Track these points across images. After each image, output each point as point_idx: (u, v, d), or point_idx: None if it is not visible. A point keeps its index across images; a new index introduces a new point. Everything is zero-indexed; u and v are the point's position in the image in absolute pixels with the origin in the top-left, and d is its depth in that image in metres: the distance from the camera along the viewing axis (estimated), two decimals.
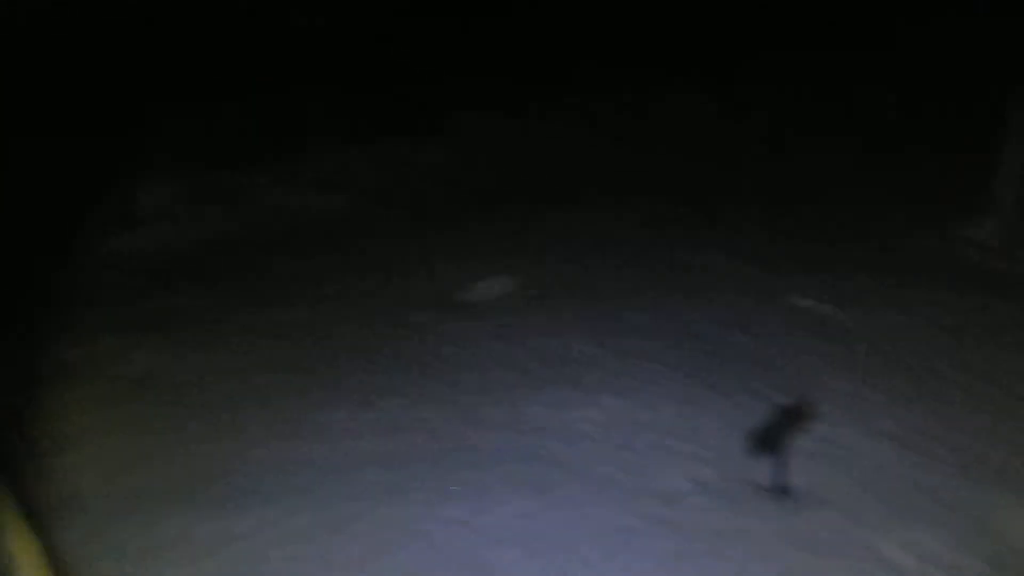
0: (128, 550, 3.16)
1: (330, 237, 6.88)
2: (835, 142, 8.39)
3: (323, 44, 8.50)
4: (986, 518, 3.35)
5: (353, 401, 4.33)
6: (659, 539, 3.40)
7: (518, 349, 4.94)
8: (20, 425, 3.84)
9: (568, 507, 3.62)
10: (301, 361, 4.77)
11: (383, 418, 4.18)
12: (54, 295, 5.37)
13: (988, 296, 4.98)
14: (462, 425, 4.15)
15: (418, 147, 8.53)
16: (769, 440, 3.51)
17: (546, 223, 6.94)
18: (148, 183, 7.13)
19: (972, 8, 7.41)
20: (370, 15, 8.90)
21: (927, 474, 3.59)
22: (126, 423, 4.11)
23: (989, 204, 5.85)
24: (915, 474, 3.60)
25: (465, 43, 9.00)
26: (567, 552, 3.32)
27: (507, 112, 9.29)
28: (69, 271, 5.87)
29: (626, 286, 5.62)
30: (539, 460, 3.96)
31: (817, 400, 4.04)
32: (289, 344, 5.01)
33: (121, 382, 4.50)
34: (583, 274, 5.90)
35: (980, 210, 5.87)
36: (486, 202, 7.55)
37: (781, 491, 3.61)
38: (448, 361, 4.83)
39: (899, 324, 4.80)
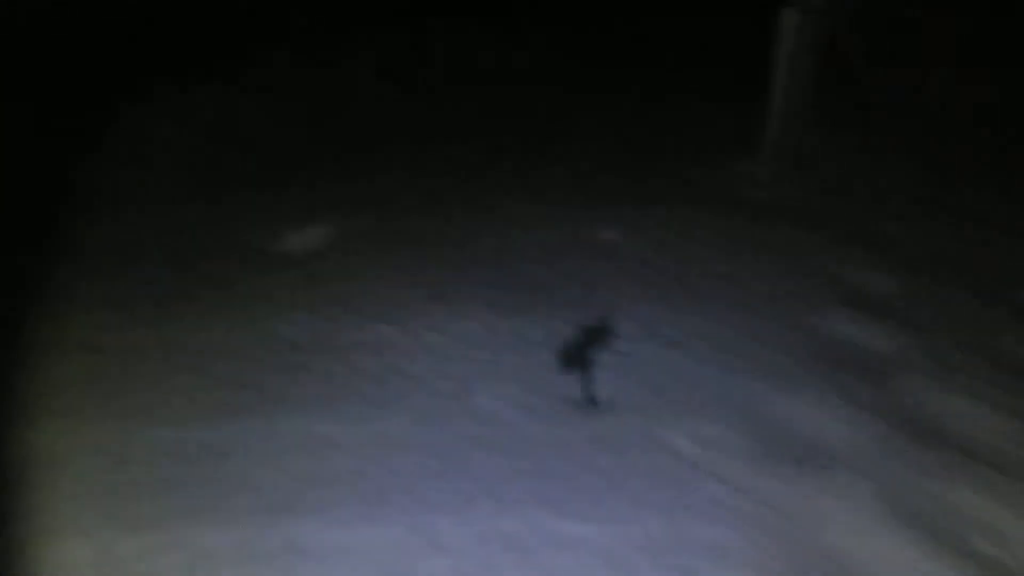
0: None
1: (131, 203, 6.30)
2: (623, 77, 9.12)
3: None
4: (753, 405, 3.94)
5: None
6: (482, 459, 3.65)
7: (324, 295, 4.97)
8: None
9: (387, 438, 3.76)
10: None
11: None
12: None
13: (753, 220, 5.71)
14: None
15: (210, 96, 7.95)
16: (576, 358, 3.84)
17: (355, 173, 6.87)
18: None
19: None
20: None
21: (704, 372, 4.13)
22: None
23: (760, 143, 6.63)
24: (695, 374, 4.12)
25: None
26: (392, 479, 3.49)
27: (294, 62, 9.00)
28: None
29: (437, 229, 5.75)
30: (356, 395, 4.05)
31: (616, 319, 4.52)
32: None
33: None
34: (392, 221, 5.94)
35: (753, 148, 6.64)
36: (290, 155, 7.28)
37: (589, 402, 4.00)
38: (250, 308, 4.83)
39: (679, 245, 5.37)
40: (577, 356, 3.83)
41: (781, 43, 6.21)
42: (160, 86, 7.57)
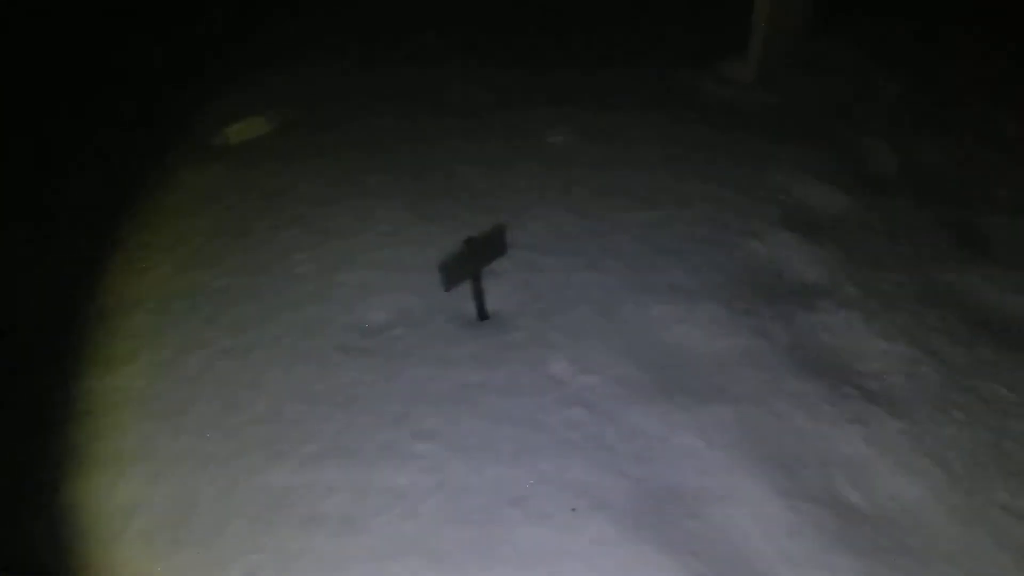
0: None
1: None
2: None
3: None
4: (651, 330, 3.71)
5: None
6: (355, 367, 3.58)
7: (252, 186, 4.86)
8: None
9: (278, 343, 3.72)
10: None
11: None
12: None
13: (715, 126, 5.21)
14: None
15: None
16: (458, 271, 3.64)
17: (296, 65, 6.52)
18: None
19: None
20: None
21: (609, 293, 3.89)
22: None
23: (746, 45, 5.99)
24: (598, 294, 3.89)
25: None
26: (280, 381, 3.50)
27: None
28: None
29: (377, 127, 5.47)
30: (254, 299, 3.99)
31: (516, 230, 4.28)
32: None
33: None
34: (335, 112, 5.68)
35: (738, 51, 6.01)
36: (229, 47, 6.93)
37: (479, 317, 3.84)
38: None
39: (625, 152, 4.96)
40: (460, 270, 3.62)
41: None
42: None
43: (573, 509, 2.92)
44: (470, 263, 3.66)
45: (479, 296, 3.82)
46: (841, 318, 3.72)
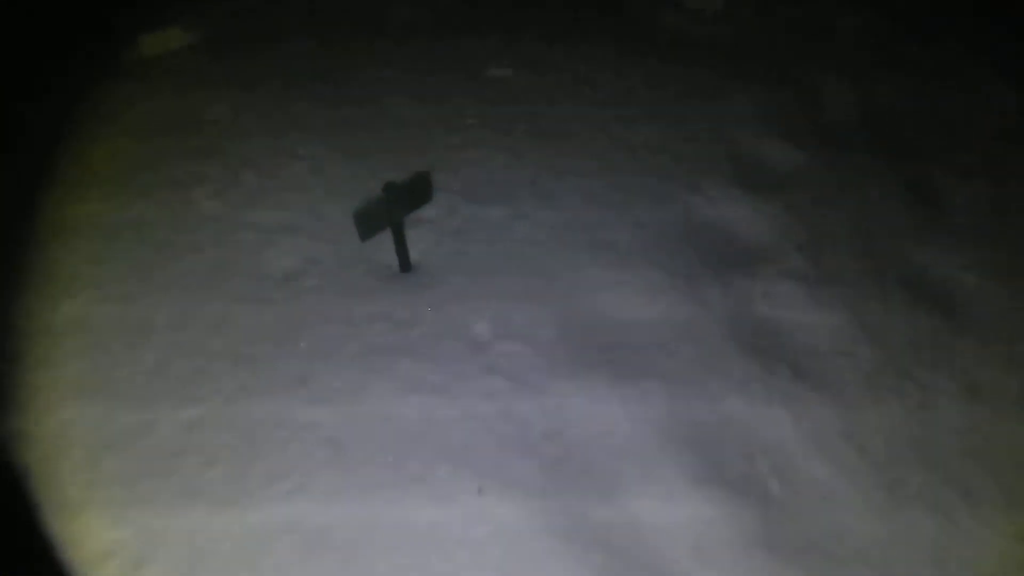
0: None
1: None
2: None
3: None
4: (578, 293, 3.46)
5: None
6: (255, 320, 3.27)
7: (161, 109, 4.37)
8: None
9: (171, 290, 3.38)
10: None
11: None
12: None
13: (672, 62, 4.83)
14: None
15: None
16: (375, 219, 3.30)
17: None
18: None
19: None
20: None
21: (538, 251, 3.61)
22: None
23: None
24: (526, 252, 3.61)
25: None
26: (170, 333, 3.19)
27: None
28: None
29: (312, 51, 4.95)
30: (150, 239, 3.61)
31: (454, 172, 3.95)
32: None
33: None
34: (262, 27, 5.12)
35: None
36: None
37: (401, 269, 3.54)
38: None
39: (571, 90, 4.58)
40: (378, 218, 3.28)
41: None
42: None
43: (479, 490, 2.72)
44: (389, 211, 3.32)
45: (400, 247, 3.50)
46: (783, 289, 3.52)
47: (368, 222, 3.26)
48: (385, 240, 3.40)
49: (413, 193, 3.40)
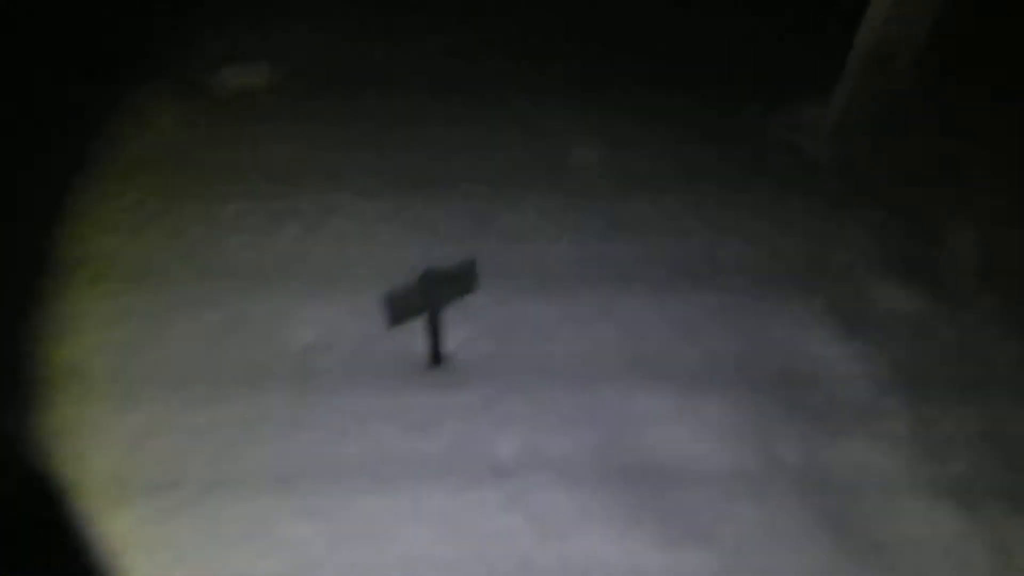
0: None
1: None
2: None
3: None
4: (626, 415, 2.94)
5: None
6: (251, 401, 2.88)
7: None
8: None
9: (172, 345, 3.03)
10: None
11: None
12: None
13: (789, 177, 4.31)
14: None
15: None
16: (418, 306, 2.88)
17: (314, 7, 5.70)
18: None
19: None
20: None
21: (585, 358, 3.11)
22: None
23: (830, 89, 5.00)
24: (572, 359, 3.12)
25: None
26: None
27: None
28: None
29: (382, 104, 4.69)
30: (169, 291, 3.31)
31: (510, 258, 3.53)
32: None
33: None
34: (339, 74, 4.93)
35: (821, 94, 5.04)
36: None
37: (432, 362, 3.11)
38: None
39: (652, 189, 4.11)
40: (410, 305, 2.88)
41: None
42: None
43: None
44: (424, 300, 2.92)
45: (434, 338, 3.09)
46: (876, 459, 2.90)
47: (399, 309, 2.85)
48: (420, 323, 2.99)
49: (455, 282, 2.98)
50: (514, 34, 5.54)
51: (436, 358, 3.14)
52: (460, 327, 3.23)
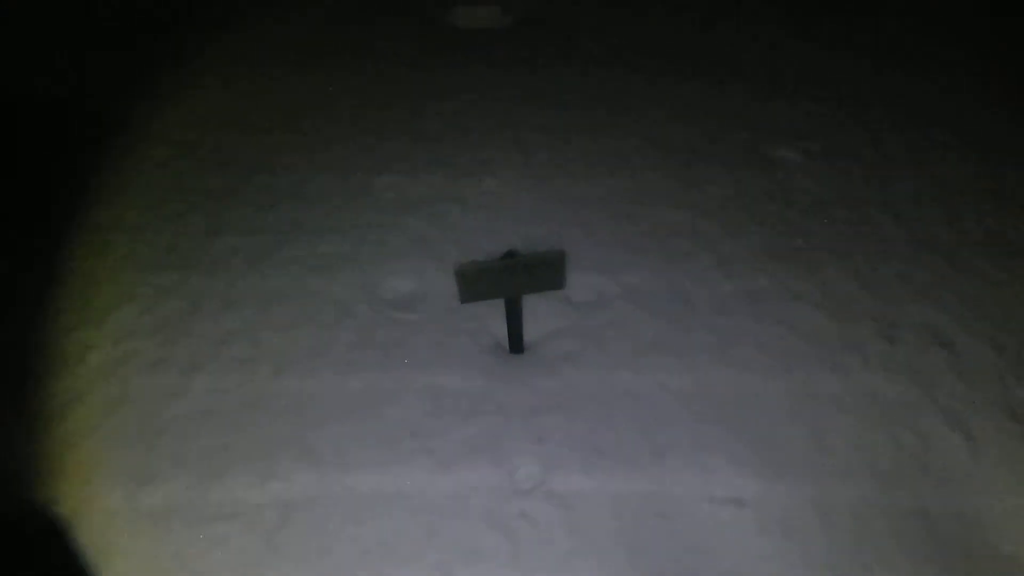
0: None
1: None
2: None
3: None
4: (671, 475, 2.50)
5: None
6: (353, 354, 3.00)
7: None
8: None
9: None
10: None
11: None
12: None
13: None
14: None
15: None
16: (493, 289, 2.72)
17: None
18: None
19: None
20: None
21: (664, 399, 2.70)
22: None
23: None
24: (653, 396, 2.72)
25: None
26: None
27: None
28: None
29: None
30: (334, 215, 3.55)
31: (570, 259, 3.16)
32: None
33: None
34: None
35: None
36: None
37: (511, 349, 2.95)
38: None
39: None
40: (484, 284, 2.71)
41: None
42: None
43: None
44: (501, 282, 2.74)
45: (513, 326, 2.91)
46: None
47: (474, 285, 2.71)
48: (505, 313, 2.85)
49: (539, 272, 2.73)
50: None
51: (516, 345, 2.97)
52: (562, 312, 3.02)
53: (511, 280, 2.72)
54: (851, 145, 3.81)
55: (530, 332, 3.01)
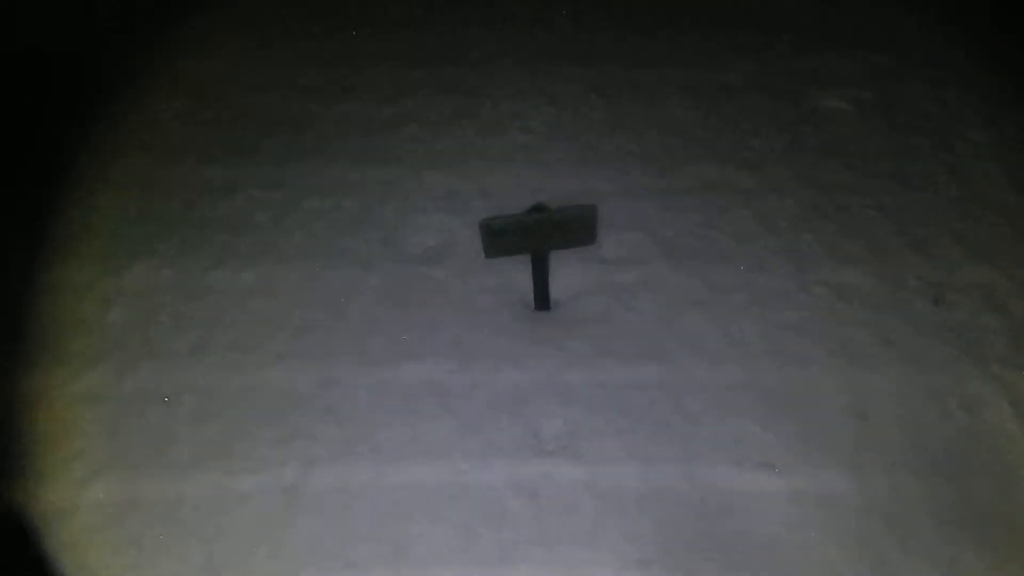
0: None
1: None
2: None
3: None
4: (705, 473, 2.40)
5: None
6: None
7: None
8: None
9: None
10: None
11: None
12: None
13: None
14: None
15: None
16: (520, 243, 2.61)
17: None
18: None
19: None
20: None
21: (711, 397, 2.57)
22: None
23: None
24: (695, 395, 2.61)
25: None
26: None
27: None
28: None
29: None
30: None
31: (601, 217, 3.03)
32: None
33: None
34: None
35: None
36: None
37: (537, 306, 2.85)
38: None
39: None
40: (511, 238, 2.59)
41: None
42: None
43: None
44: (528, 236, 2.62)
45: (539, 282, 2.81)
46: None
47: (499, 239, 2.60)
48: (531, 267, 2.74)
49: (568, 227, 2.62)
50: None
51: (541, 302, 2.87)
52: (590, 271, 2.92)
53: (539, 235, 2.61)
54: (908, 97, 3.57)
55: (558, 289, 2.90)
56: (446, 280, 2.96)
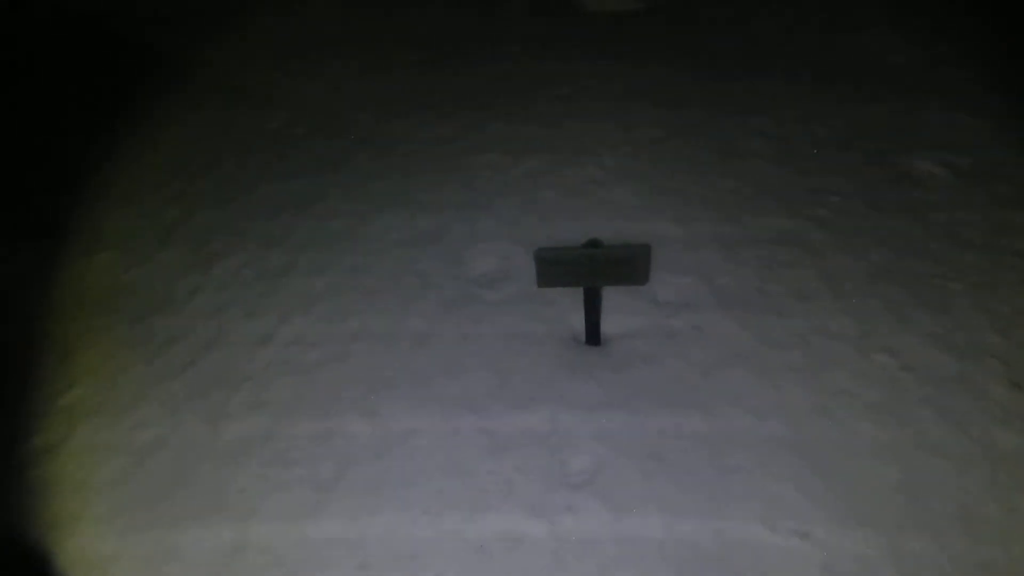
0: None
1: None
2: None
3: None
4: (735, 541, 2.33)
5: None
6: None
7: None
8: None
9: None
10: None
11: None
12: None
13: None
14: None
15: None
16: (572, 276, 2.66)
17: None
18: None
19: None
20: None
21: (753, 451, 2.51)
22: None
23: None
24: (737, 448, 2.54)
25: None
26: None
27: None
28: None
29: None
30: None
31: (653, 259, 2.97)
32: None
33: None
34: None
35: None
36: None
37: (588, 340, 2.87)
38: None
39: None
40: (563, 270, 2.64)
41: None
42: None
43: None
44: (580, 270, 2.67)
45: (590, 316, 2.84)
46: None
47: (551, 270, 2.66)
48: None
49: (621, 265, 2.64)
50: None
51: (592, 336, 2.89)
52: (642, 309, 2.92)
53: (590, 269, 2.65)
54: (1007, 164, 3.38)
55: (609, 326, 2.91)
56: (500, 304, 3.03)
